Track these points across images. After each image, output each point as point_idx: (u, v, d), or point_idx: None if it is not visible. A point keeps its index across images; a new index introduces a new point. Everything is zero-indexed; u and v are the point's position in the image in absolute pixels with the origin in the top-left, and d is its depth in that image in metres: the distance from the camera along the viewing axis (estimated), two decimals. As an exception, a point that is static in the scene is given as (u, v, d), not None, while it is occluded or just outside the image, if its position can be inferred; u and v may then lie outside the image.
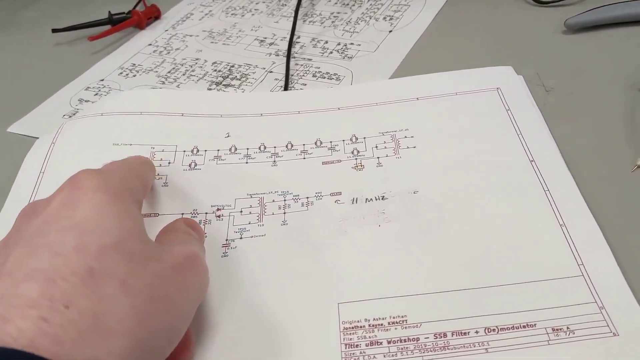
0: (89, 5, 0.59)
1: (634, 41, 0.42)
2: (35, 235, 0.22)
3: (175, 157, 0.36)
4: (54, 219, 0.22)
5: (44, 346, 0.18)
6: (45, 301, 0.19)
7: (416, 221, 0.30)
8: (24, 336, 0.18)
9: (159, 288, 0.22)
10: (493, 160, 0.33)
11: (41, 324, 0.18)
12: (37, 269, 0.20)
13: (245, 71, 0.46)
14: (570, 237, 0.28)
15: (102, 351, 0.19)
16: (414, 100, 0.38)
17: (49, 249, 0.21)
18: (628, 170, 0.32)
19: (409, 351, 0.24)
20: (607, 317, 0.24)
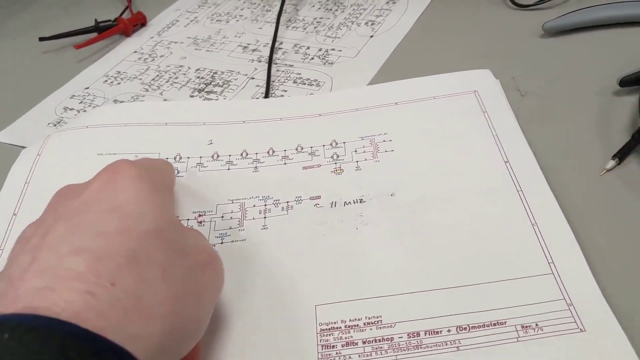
0: (77, 13, 0.59)
1: (610, 44, 0.43)
2: (74, 215, 0.22)
3: None
4: (93, 200, 0.23)
5: (90, 320, 0.18)
6: (92, 276, 0.19)
7: (392, 224, 0.31)
8: (71, 308, 0.18)
9: (191, 281, 0.22)
10: (469, 162, 0.34)
11: (88, 297, 0.19)
12: (82, 246, 0.20)
13: (228, 78, 0.46)
14: (541, 235, 0.29)
15: (143, 331, 0.19)
16: (392, 105, 0.39)
17: (92, 229, 0.21)
18: (597, 174, 0.33)
19: (383, 351, 0.25)
20: (574, 314, 0.25)
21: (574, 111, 0.37)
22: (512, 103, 0.38)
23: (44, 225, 0.23)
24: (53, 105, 0.46)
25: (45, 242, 0.21)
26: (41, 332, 0.17)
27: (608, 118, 0.36)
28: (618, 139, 0.34)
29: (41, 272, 0.20)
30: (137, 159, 0.29)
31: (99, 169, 0.35)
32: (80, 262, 0.20)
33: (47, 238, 0.21)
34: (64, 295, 0.19)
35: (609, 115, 0.36)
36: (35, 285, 0.19)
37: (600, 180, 0.32)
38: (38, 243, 0.21)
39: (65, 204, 0.24)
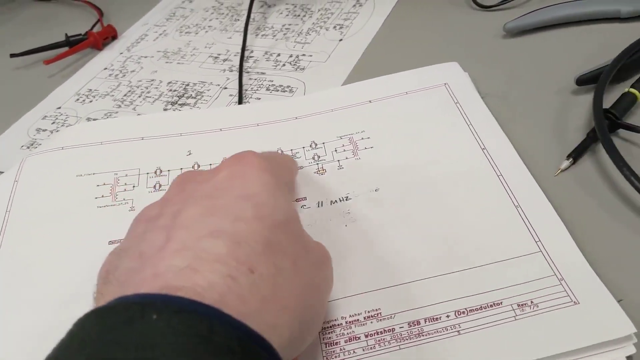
0: (49, 28, 0.59)
1: (569, 43, 0.43)
2: (207, 198, 0.22)
3: (139, 181, 0.36)
4: (225, 186, 0.22)
5: (232, 304, 0.18)
6: (232, 261, 0.19)
7: (380, 217, 0.31)
8: (214, 290, 0.18)
9: (314, 276, 0.22)
10: (447, 152, 0.34)
11: (229, 281, 0.18)
12: (221, 229, 0.20)
13: (200, 89, 0.46)
14: (526, 216, 0.30)
15: (278, 321, 0.19)
16: (367, 103, 0.39)
17: (228, 213, 0.21)
18: (552, 175, 0.33)
19: (385, 342, 0.25)
20: (567, 288, 0.26)
21: (533, 111, 0.38)
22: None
23: (171, 206, 0.22)
24: (25, 127, 0.45)
25: (178, 222, 0.21)
26: (189, 314, 0.16)
27: (565, 117, 0.37)
28: (574, 138, 0.34)
29: (180, 251, 0.19)
30: (264, 152, 0.29)
31: (81, 191, 0.36)
32: (220, 245, 0.19)
33: (180, 218, 0.21)
34: (206, 276, 0.18)
35: (566, 115, 0.37)
36: (176, 264, 0.18)
37: (556, 181, 0.32)
38: (169, 222, 0.21)
39: (193, 187, 0.23)
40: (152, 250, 0.20)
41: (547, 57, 0.42)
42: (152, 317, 0.16)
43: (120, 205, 0.34)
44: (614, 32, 0.43)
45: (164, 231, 0.21)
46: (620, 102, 0.35)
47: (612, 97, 0.36)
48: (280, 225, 0.21)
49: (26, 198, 0.36)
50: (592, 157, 0.34)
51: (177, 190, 0.24)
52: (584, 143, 0.33)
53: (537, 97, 0.39)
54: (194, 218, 0.21)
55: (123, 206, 0.34)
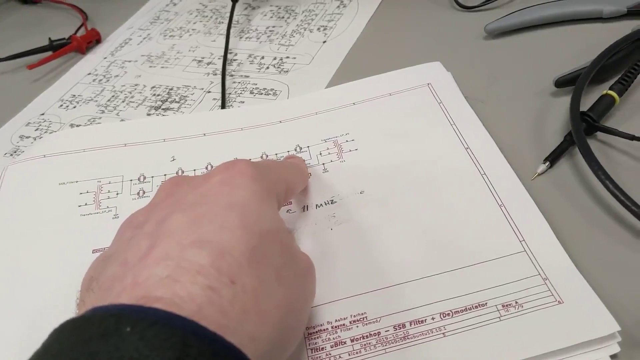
0: (33, 33, 0.58)
1: (549, 44, 0.43)
2: (194, 205, 0.22)
3: (123, 188, 0.36)
4: (213, 194, 0.22)
5: (211, 315, 0.18)
6: (214, 272, 0.19)
7: (365, 220, 0.31)
8: (193, 301, 0.18)
9: (299, 287, 0.22)
10: (431, 152, 0.34)
11: (209, 293, 0.18)
12: (205, 239, 0.20)
13: (184, 93, 0.46)
14: (510, 215, 0.30)
15: (257, 334, 0.19)
16: (350, 105, 0.39)
17: (214, 222, 0.20)
18: (529, 179, 0.32)
19: (371, 346, 0.25)
20: (551, 287, 0.26)
21: (513, 113, 0.37)
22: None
23: (157, 212, 0.22)
24: (8, 134, 0.45)
25: (163, 229, 0.20)
26: (163, 327, 0.16)
27: (544, 120, 0.36)
28: (552, 141, 0.34)
29: (163, 260, 0.19)
30: (264, 160, 0.29)
31: (63, 199, 0.35)
32: (204, 255, 0.19)
33: (165, 225, 0.21)
34: (187, 287, 0.18)
35: (545, 117, 0.36)
36: (158, 273, 0.18)
37: (532, 185, 0.32)
38: (154, 230, 0.21)
39: (181, 193, 0.23)
40: (135, 258, 0.20)
41: (528, 58, 0.42)
42: (126, 330, 0.16)
43: (104, 213, 0.34)
44: (596, 33, 0.43)
45: (148, 238, 0.21)
46: (598, 105, 0.35)
47: (591, 99, 0.36)
48: (267, 234, 0.21)
49: (8, 207, 0.35)
50: (570, 160, 0.33)
51: (165, 195, 0.24)
52: (560, 146, 0.33)
53: (518, 98, 0.39)
54: (179, 226, 0.20)
55: (107, 214, 0.34)
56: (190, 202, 0.22)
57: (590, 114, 0.34)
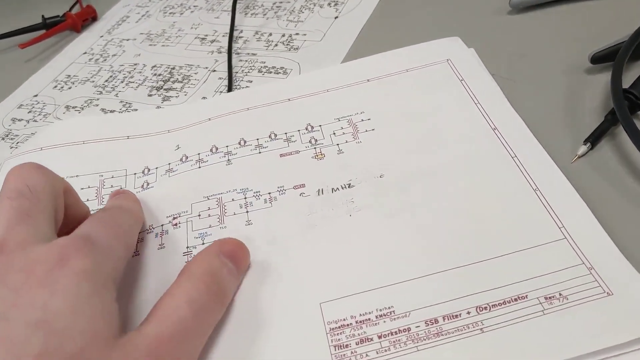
0: (26, 11, 0.56)
1: (580, 18, 0.41)
2: (1, 319, 0.19)
3: (127, 182, 0.34)
4: (26, 302, 0.19)
5: None
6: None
7: (387, 206, 0.29)
8: None
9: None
10: (455, 133, 0.32)
11: None
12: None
13: (187, 72, 0.43)
14: (546, 200, 0.27)
15: None
16: (364, 82, 0.37)
17: (10, 351, 0.18)
18: (568, 162, 0.30)
19: (401, 343, 0.23)
20: (597, 277, 0.23)
21: (542, 93, 0.35)
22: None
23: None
24: (0, 117, 0.42)
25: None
26: None
27: (579, 99, 0.34)
28: (590, 121, 0.32)
29: None
30: (91, 223, 0.25)
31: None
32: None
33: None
34: None
35: (579, 96, 0.34)
36: None
37: (573, 168, 0.30)
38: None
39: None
40: None
41: (556, 34, 0.40)
42: None
43: None
44: (630, 5, 0.40)
45: None
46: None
47: (631, 75, 0.33)
48: (70, 357, 0.19)
49: None
50: (612, 142, 0.31)
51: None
52: (601, 126, 0.31)
53: (547, 77, 0.36)
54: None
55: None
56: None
57: (633, 91, 0.31)
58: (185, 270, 0.24)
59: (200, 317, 0.22)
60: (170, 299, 0.22)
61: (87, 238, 0.22)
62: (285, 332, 0.24)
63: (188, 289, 0.23)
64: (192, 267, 0.24)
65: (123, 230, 0.26)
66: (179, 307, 0.22)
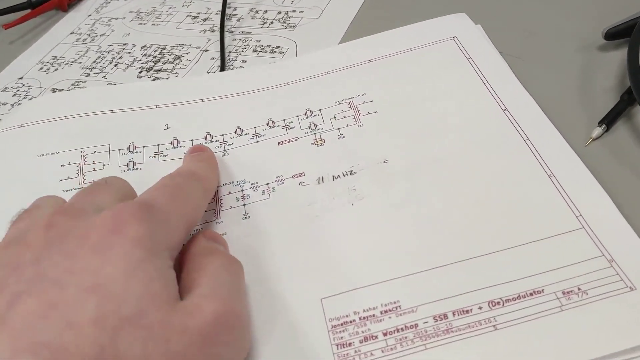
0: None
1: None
2: (55, 286, 0.19)
3: (110, 158, 0.32)
4: (81, 268, 0.19)
5: None
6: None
7: (392, 194, 0.27)
8: None
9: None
10: (463, 115, 0.30)
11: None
12: (45, 343, 0.17)
13: (178, 52, 0.41)
14: (562, 187, 0.26)
15: None
16: (366, 62, 0.35)
17: (64, 315, 0.18)
18: (582, 144, 0.28)
19: (408, 341, 0.21)
20: (619, 271, 0.22)
21: (553, 71, 0.33)
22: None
23: (14, 284, 0.19)
24: (-17, 101, 0.41)
25: (10, 319, 0.18)
26: None
27: (592, 78, 0.32)
28: (604, 102, 0.30)
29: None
30: (156, 191, 0.24)
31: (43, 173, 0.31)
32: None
33: (14, 313, 0.18)
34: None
35: (593, 75, 0.33)
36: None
37: (587, 151, 0.28)
38: (2, 314, 0.18)
39: (45, 260, 0.20)
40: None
41: (568, 9, 0.38)
42: None
43: None
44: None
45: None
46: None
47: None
48: (127, 322, 0.18)
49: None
50: (628, 123, 0.29)
51: (31, 254, 0.20)
52: (617, 107, 0.29)
53: (559, 55, 0.34)
54: (25, 317, 0.18)
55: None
56: (51, 279, 0.19)
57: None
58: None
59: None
60: (212, 262, 0.23)
61: (145, 204, 0.22)
62: (284, 331, 0.23)
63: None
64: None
65: (187, 201, 0.25)
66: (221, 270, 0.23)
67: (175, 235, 0.23)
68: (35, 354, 0.17)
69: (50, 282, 0.19)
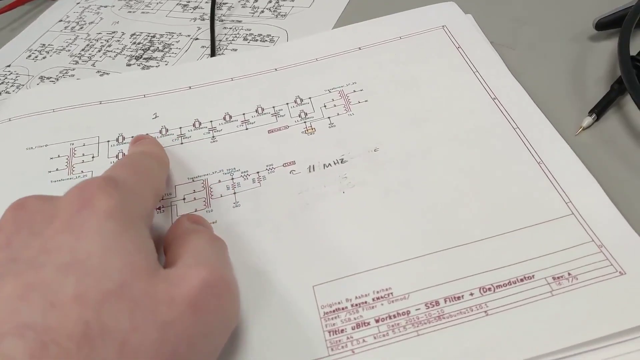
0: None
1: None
2: (30, 267, 0.18)
3: (99, 150, 0.32)
4: (54, 247, 0.19)
5: None
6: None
7: (383, 182, 0.27)
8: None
9: (169, 342, 0.18)
10: (452, 104, 0.30)
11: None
12: (28, 324, 0.17)
13: (168, 41, 0.41)
14: (551, 174, 0.26)
15: None
16: (356, 50, 0.35)
17: (44, 296, 0.17)
18: (572, 134, 0.28)
19: (400, 327, 0.21)
20: (609, 255, 0.22)
21: (544, 60, 0.33)
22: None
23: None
24: (-31, 90, 0.40)
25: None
26: None
27: (583, 68, 0.32)
28: (595, 91, 0.30)
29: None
30: (114, 168, 0.24)
31: (32, 165, 0.31)
32: (20, 347, 0.16)
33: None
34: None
35: (583, 65, 0.33)
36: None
37: (577, 140, 0.28)
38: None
39: (18, 243, 0.19)
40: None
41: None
42: None
43: (78, 179, 0.30)
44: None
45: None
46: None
47: (638, 42, 0.32)
48: (111, 295, 0.18)
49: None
50: (618, 113, 0.29)
51: (4, 239, 0.20)
52: (607, 96, 0.29)
53: (550, 44, 0.34)
54: (5, 300, 0.17)
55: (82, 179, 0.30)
56: (26, 260, 0.19)
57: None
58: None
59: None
60: (195, 239, 0.23)
61: (109, 178, 0.22)
62: (276, 318, 0.23)
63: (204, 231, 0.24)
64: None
65: (147, 174, 0.25)
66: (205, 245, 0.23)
67: (143, 203, 0.23)
68: (21, 336, 0.16)
69: (25, 263, 0.18)
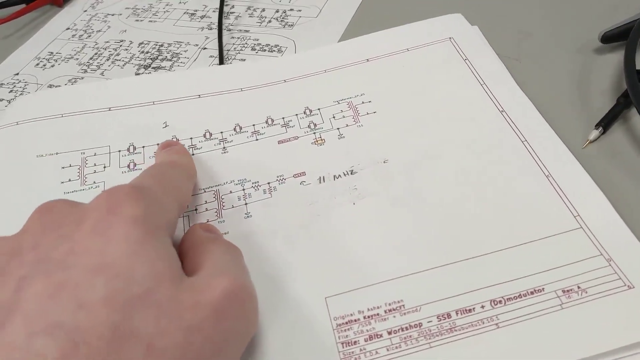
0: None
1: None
2: (59, 267, 0.19)
3: (111, 160, 0.32)
4: (82, 249, 0.19)
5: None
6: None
7: (392, 194, 0.27)
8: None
9: (193, 346, 0.18)
10: (460, 116, 0.31)
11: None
12: (59, 323, 0.17)
13: (176, 50, 0.41)
14: (559, 187, 0.26)
15: None
16: (364, 62, 0.35)
17: (73, 297, 0.18)
18: (579, 147, 0.29)
19: (413, 339, 0.22)
20: (617, 269, 0.23)
21: (550, 73, 0.34)
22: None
23: (18, 268, 0.19)
24: (-21, 98, 0.40)
25: (20, 303, 0.18)
26: None
27: (589, 81, 0.33)
28: (601, 104, 0.31)
29: (8, 351, 0.16)
30: (141, 177, 0.25)
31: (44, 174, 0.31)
32: (51, 346, 0.16)
33: (23, 297, 0.18)
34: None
35: (589, 78, 0.33)
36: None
37: (584, 153, 0.28)
38: (9, 298, 0.18)
39: (47, 244, 0.20)
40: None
41: (564, 11, 0.38)
42: None
43: (91, 190, 0.30)
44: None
45: (2, 309, 0.18)
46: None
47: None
48: (137, 300, 0.18)
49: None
50: (625, 126, 0.30)
51: (31, 239, 0.20)
52: (614, 110, 0.30)
53: (555, 57, 0.35)
54: (36, 299, 0.18)
55: (94, 190, 0.30)
56: (55, 261, 0.19)
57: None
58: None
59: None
60: (213, 248, 0.23)
61: (137, 187, 0.22)
62: (290, 329, 0.23)
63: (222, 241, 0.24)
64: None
65: (174, 185, 0.26)
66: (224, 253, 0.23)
67: (168, 214, 0.23)
68: (52, 335, 0.17)
69: (54, 264, 0.19)
